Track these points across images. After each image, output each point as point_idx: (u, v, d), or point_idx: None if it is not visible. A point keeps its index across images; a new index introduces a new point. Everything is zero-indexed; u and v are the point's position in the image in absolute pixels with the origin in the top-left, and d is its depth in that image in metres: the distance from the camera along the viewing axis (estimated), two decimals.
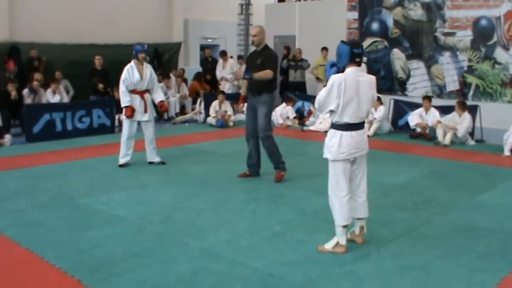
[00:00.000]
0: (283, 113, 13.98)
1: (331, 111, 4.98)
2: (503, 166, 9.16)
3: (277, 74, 7.88)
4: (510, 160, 9.66)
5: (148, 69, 8.78)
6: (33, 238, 5.40)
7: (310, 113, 13.70)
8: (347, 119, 4.93)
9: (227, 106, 13.86)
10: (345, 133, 4.96)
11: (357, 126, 5.01)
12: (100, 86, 13.46)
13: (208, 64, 17.17)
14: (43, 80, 13.14)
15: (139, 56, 8.63)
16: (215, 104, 13.70)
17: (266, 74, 7.56)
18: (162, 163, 8.90)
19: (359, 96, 4.93)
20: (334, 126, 5.03)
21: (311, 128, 13.01)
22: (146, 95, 8.79)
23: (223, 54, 16.38)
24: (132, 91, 8.66)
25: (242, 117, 14.42)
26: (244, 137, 8.13)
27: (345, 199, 5.01)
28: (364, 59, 5.25)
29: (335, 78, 4.89)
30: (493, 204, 6.84)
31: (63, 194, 7.08)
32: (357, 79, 4.94)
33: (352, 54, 4.94)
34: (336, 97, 4.87)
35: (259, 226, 5.81)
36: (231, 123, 13.65)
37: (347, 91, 4.86)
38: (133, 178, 8.01)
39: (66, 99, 13.28)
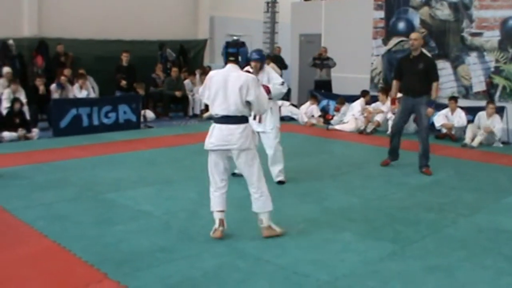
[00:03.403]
0: (308, 111, 13.96)
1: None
2: None
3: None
4: None
5: (265, 75, 7.28)
6: (60, 231, 5.47)
7: (337, 109, 13.62)
8: (215, 111, 5.20)
9: None
10: (217, 125, 5.22)
11: (226, 119, 5.17)
12: (123, 82, 13.55)
13: None
14: (71, 76, 13.32)
15: (252, 65, 7.10)
16: None
17: (437, 90, 8.50)
18: (281, 182, 7.64)
19: (226, 91, 5.12)
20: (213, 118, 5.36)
21: (336, 127, 12.92)
22: None
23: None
24: None
25: None
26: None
27: (216, 193, 5.32)
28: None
29: (210, 73, 5.34)
30: None
31: (89, 189, 7.16)
32: (228, 74, 5.17)
33: (226, 53, 5.30)
34: (206, 89, 5.26)
35: (284, 224, 5.80)
36: None
37: (213, 85, 5.18)
38: (159, 174, 8.06)
39: (92, 95, 13.39)
